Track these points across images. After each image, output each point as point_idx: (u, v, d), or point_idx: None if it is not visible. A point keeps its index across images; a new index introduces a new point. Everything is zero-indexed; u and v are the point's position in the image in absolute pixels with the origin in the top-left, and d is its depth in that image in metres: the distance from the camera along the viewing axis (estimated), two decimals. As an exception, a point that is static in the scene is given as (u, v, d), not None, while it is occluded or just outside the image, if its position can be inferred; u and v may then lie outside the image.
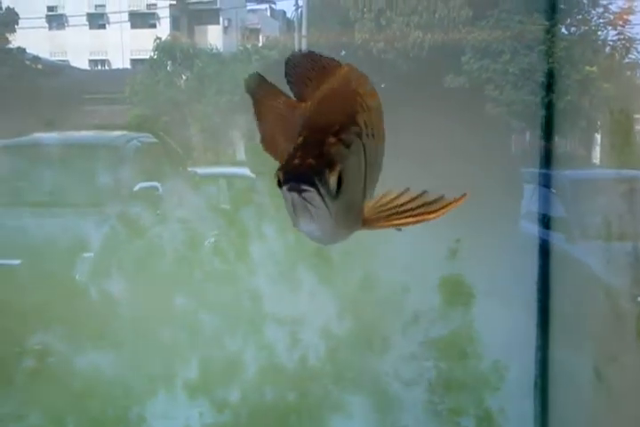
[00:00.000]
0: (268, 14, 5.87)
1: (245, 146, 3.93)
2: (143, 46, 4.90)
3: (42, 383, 2.21)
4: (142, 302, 2.34)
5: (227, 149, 4.57)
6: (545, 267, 2.28)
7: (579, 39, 4.09)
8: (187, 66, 4.73)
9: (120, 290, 2.38)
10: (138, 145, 3.53)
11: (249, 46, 4.99)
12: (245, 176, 3.26)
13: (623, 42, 4.00)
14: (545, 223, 2.42)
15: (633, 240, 2.21)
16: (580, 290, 2.26)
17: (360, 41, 4.44)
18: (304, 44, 4.63)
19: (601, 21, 4.18)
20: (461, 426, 2.19)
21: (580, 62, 3.79)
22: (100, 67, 5.55)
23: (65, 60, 5.17)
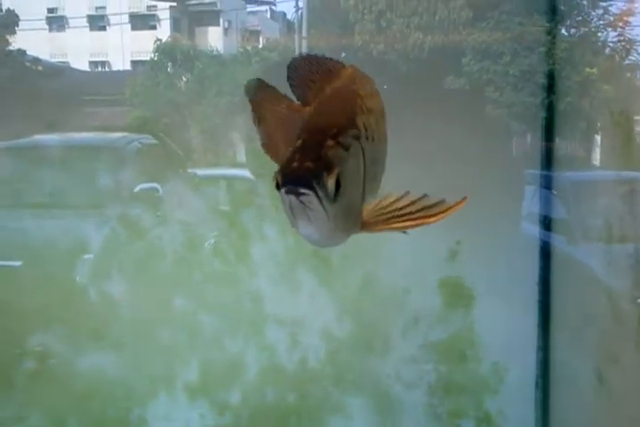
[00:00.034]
0: (269, 16, 5.87)
1: (246, 148, 3.93)
2: (143, 48, 4.90)
3: (42, 385, 2.21)
4: (143, 304, 2.34)
5: (227, 151, 4.56)
6: (546, 269, 2.28)
7: (579, 41, 4.09)
8: (187, 67, 4.73)
9: (120, 291, 2.38)
10: (138, 146, 3.53)
11: (249, 48, 5.00)
12: (245, 178, 3.26)
13: (623, 43, 4.00)
14: (546, 225, 2.41)
15: (634, 242, 2.21)
16: (581, 292, 2.26)
17: (360, 42, 4.43)
18: (304, 46, 4.63)
19: (601, 23, 4.19)
20: (461, 428, 2.19)
21: (581, 64, 3.79)
22: (101, 68, 5.55)
23: (65, 62, 5.17)
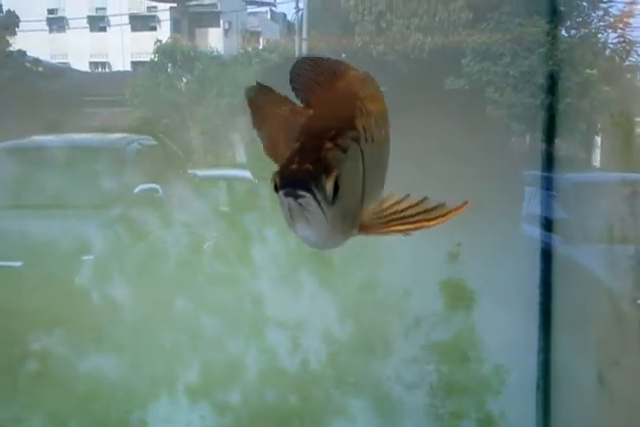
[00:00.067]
0: (269, 17, 5.87)
1: (247, 149, 3.93)
2: (144, 49, 4.91)
3: (44, 387, 2.21)
4: (143, 305, 2.34)
5: (227, 152, 4.56)
6: (547, 270, 2.28)
7: (579, 42, 4.09)
8: (187, 68, 4.73)
9: (121, 292, 2.38)
10: (138, 147, 3.53)
11: (249, 49, 5.00)
12: (245, 179, 3.26)
13: (623, 45, 4.00)
14: (546, 226, 2.41)
15: (635, 243, 2.21)
16: (582, 293, 2.26)
17: (360, 43, 4.44)
18: (304, 47, 4.63)
19: (601, 24, 4.19)
20: (463, 430, 2.19)
21: (581, 65, 3.79)
22: (101, 69, 5.55)
23: (65, 63, 5.17)
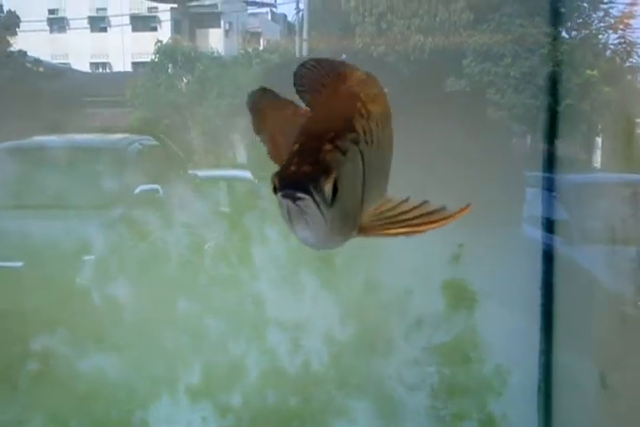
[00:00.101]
0: (269, 18, 5.88)
1: (247, 150, 3.93)
2: (144, 49, 4.91)
3: (45, 387, 2.21)
4: (144, 305, 2.34)
5: (227, 152, 4.57)
6: (548, 271, 2.27)
7: (580, 43, 4.10)
8: (188, 69, 4.73)
9: (122, 293, 2.38)
10: (139, 148, 3.54)
11: (250, 50, 5.00)
12: (246, 179, 3.26)
13: (624, 46, 4.01)
14: (548, 228, 2.41)
15: (636, 245, 2.21)
16: (584, 294, 2.26)
17: (361, 44, 4.44)
18: (305, 48, 4.64)
19: (602, 25, 4.20)
20: (464, 431, 2.19)
21: (581, 66, 3.80)
22: (102, 70, 5.55)
23: (66, 63, 5.17)
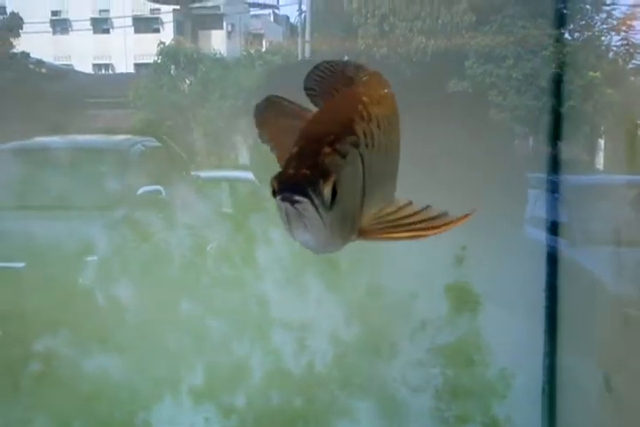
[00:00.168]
0: (272, 19, 5.87)
1: (249, 151, 3.93)
2: (147, 51, 4.91)
3: (47, 388, 2.21)
4: (147, 306, 2.34)
5: (229, 154, 4.57)
6: (552, 274, 2.27)
7: (582, 44, 4.09)
8: (190, 70, 4.73)
9: (125, 294, 2.38)
10: (142, 149, 3.54)
11: (252, 51, 5.00)
12: (248, 180, 3.26)
13: (627, 47, 4.01)
14: (552, 229, 2.41)
15: (640, 246, 2.21)
16: (588, 297, 2.25)
17: (363, 46, 4.44)
18: (307, 50, 4.64)
19: (604, 27, 4.19)
20: (468, 433, 2.19)
21: (584, 68, 3.79)
22: (104, 71, 5.55)
23: (69, 65, 5.17)
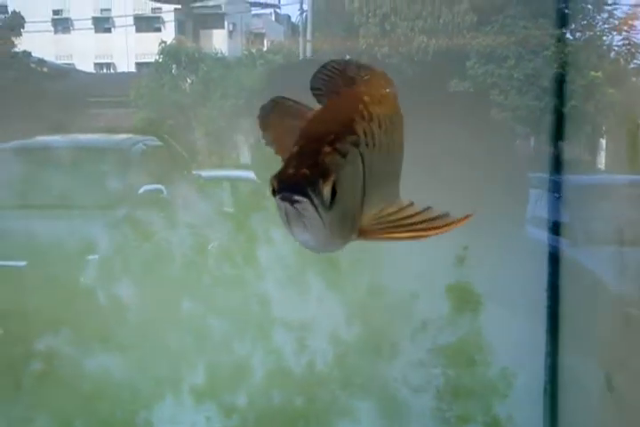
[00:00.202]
0: (273, 19, 5.87)
1: (252, 151, 3.93)
2: (148, 50, 4.91)
3: (49, 387, 2.21)
4: (149, 306, 2.34)
5: (231, 153, 4.57)
6: (554, 273, 2.27)
7: (584, 44, 4.09)
8: (192, 70, 4.73)
9: (126, 293, 2.38)
10: (143, 148, 3.54)
11: (254, 51, 5.00)
12: (249, 179, 3.26)
13: (628, 47, 4.01)
14: (553, 229, 2.41)
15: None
16: (590, 296, 2.25)
17: (364, 45, 4.44)
18: (309, 49, 4.65)
19: (606, 27, 4.19)
20: (469, 433, 2.19)
21: (586, 67, 3.79)
22: (106, 70, 5.55)
23: (70, 64, 5.17)
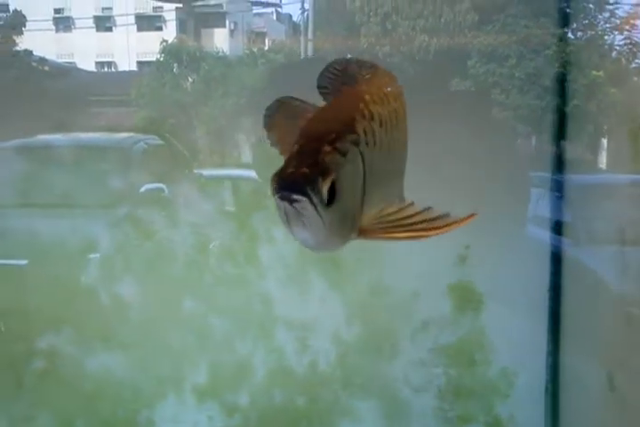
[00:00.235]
0: (274, 18, 5.86)
1: (252, 150, 3.93)
2: (149, 49, 4.91)
3: (51, 385, 2.21)
4: (151, 304, 2.35)
5: (232, 152, 4.57)
6: (556, 273, 2.27)
7: (585, 44, 4.08)
8: (193, 69, 4.73)
9: (127, 291, 2.38)
10: (144, 147, 3.55)
11: (255, 50, 5.00)
12: (251, 178, 3.26)
13: (630, 46, 4.01)
14: (555, 229, 2.41)
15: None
16: (592, 296, 2.25)
17: (366, 45, 4.44)
18: (310, 48, 4.64)
19: (608, 26, 4.19)
20: (471, 433, 2.19)
21: (587, 67, 3.79)
22: (107, 69, 5.55)
23: (72, 63, 5.17)
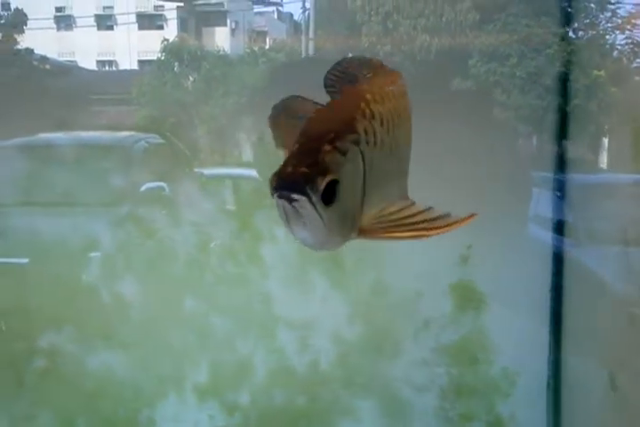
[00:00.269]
0: (275, 17, 5.87)
1: (253, 148, 3.93)
2: (150, 48, 4.91)
3: (52, 384, 2.22)
4: (152, 303, 2.35)
5: (233, 151, 4.57)
6: (558, 273, 2.27)
7: (586, 43, 4.08)
8: (194, 67, 4.73)
9: (129, 290, 2.38)
10: (145, 146, 3.55)
11: (256, 49, 5.00)
12: (251, 177, 3.26)
13: (631, 46, 4.01)
14: (557, 229, 2.41)
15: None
16: (593, 296, 2.26)
17: (367, 44, 4.44)
18: (311, 47, 4.65)
19: (609, 25, 4.19)
20: (472, 432, 2.19)
21: (588, 66, 3.79)
22: (108, 68, 5.55)
23: (73, 61, 5.18)
